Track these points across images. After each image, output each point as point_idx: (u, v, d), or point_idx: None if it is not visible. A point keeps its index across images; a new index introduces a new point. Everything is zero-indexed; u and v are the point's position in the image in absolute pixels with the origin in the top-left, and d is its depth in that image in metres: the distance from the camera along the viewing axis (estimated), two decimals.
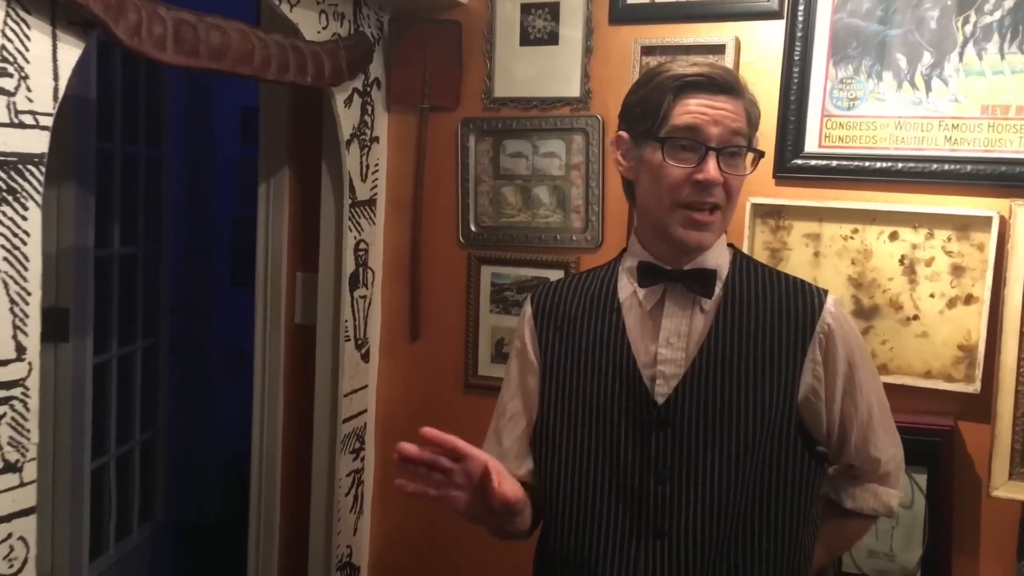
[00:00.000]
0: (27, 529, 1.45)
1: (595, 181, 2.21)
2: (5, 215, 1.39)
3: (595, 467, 1.36)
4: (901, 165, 1.96)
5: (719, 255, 1.38)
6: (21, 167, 1.41)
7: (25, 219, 1.42)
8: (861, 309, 2.00)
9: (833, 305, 1.36)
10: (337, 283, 2.32)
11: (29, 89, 1.41)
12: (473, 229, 2.35)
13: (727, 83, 1.31)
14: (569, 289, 1.46)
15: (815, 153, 2.02)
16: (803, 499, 1.36)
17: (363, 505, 2.45)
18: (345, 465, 2.34)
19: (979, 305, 1.90)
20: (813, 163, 2.02)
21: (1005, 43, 1.88)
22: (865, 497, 1.44)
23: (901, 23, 1.95)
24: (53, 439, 2.54)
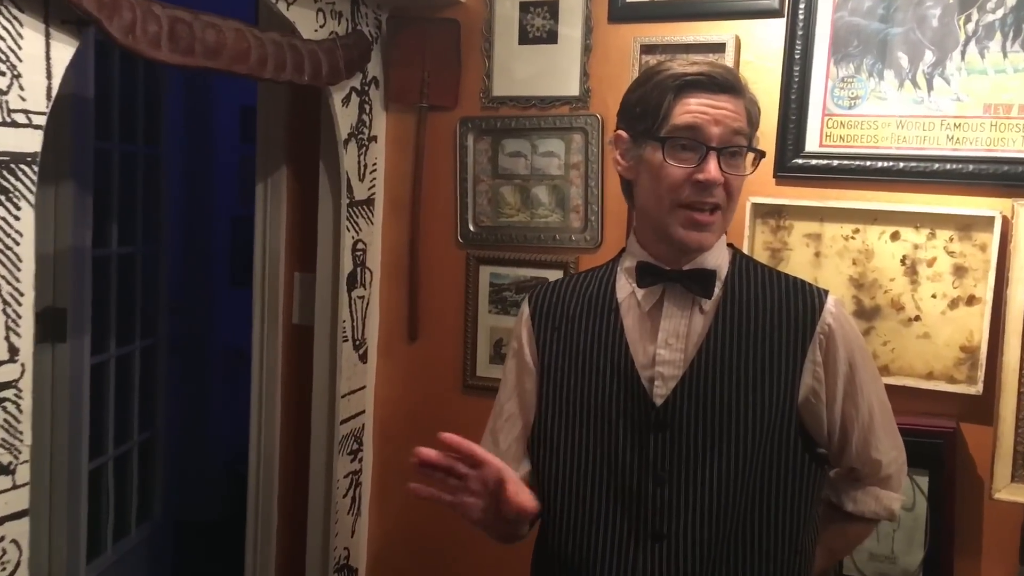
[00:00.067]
0: (20, 532, 1.44)
1: (594, 181, 2.19)
2: None
3: (593, 469, 1.35)
4: (903, 164, 1.94)
5: (718, 255, 1.37)
6: (14, 166, 1.40)
7: (18, 219, 1.41)
8: (862, 310, 1.98)
9: (834, 305, 1.35)
10: (335, 283, 2.31)
11: (22, 88, 1.40)
12: (472, 229, 2.34)
13: (728, 82, 1.31)
14: (567, 289, 1.45)
15: (816, 152, 2.01)
16: (803, 502, 1.34)
17: (361, 507, 2.44)
18: (343, 466, 2.33)
19: (981, 306, 1.89)
20: (814, 162, 2.01)
21: (1007, 41, 1.87)
22: (866, 500, 1.42)
23: (903, 21, 1.94)
24: (50, 439, 2.53)
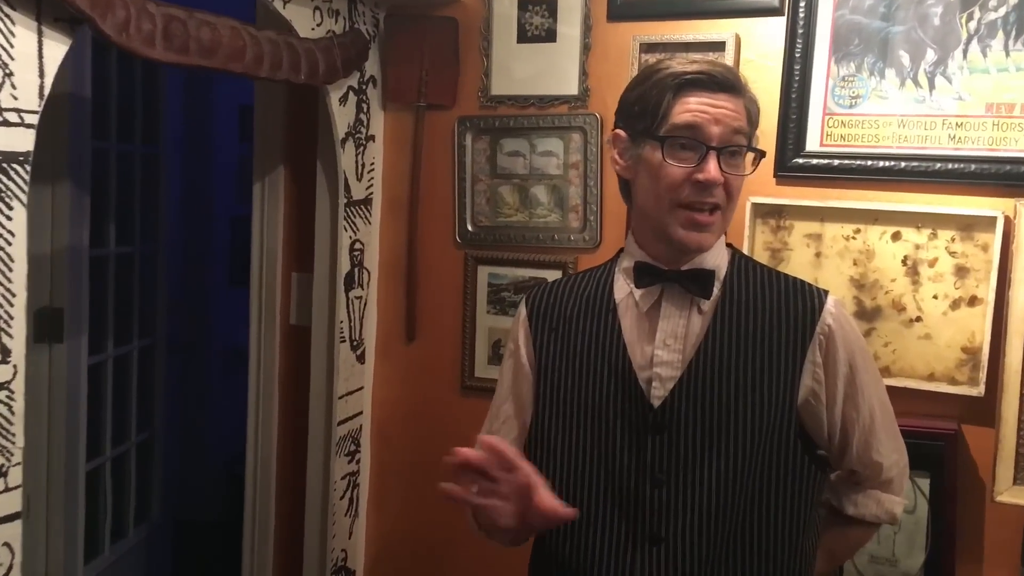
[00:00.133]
0: (12, 535, 1.43)
1: (593, 180, 2.18)
2: None
3: (590, 471, 1.34)
4: (904, 164, 1.93)
5: (717, 255, 1.36)
6: (6, 166, 1.39)
7: (10, 219, 1.40)
8: (863, 310, 1.97)
9: (834, 306, 1.34)
10: (332, 283, 2.30)
11: (14, 87, 1.39)
12: (470, 229, 2.33)
13: (728, 81, 1.30)
14: (565, 290, 1.44)
15: (816, 152, 2.00)
16: (803, 504, 1.33)
17: (358, 508, 2.43)
18: (340, 468, 2.32)
19: (983, 307, 1.87)
20: (814, 162, 2.00)
21: (1010, 40, 1.86)
22: (868, 504, 1.41)
23: (904, 20, 1.93)
24: (47, 440, 2.53)
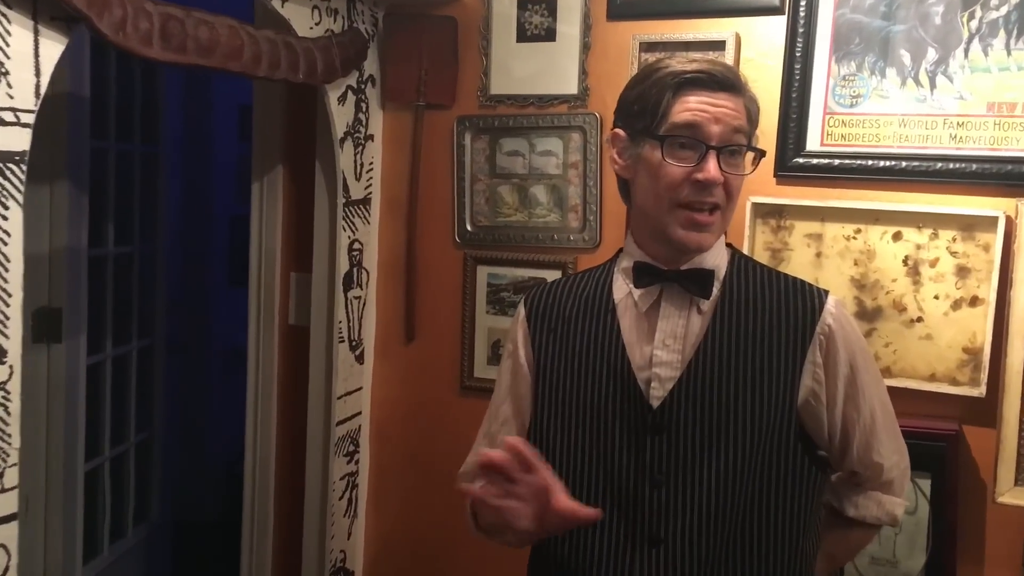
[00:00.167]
0: (8, 536, 1.43)
1: (593, 180, 2.17)
2: None
3: (589, 472, 1.34)
4: (905, 164, 1.92)
5: (717, 255, 1.35)
6: (1, 165, 1.38)
7: (6, 219, 1.39)
8: (864, 311, 1.96)
9: (834, 306, 1.34)
10: (331, 283, 2.29)
11: (10, 86, 1.38)
12: (469, 229, 2.32)
13: (728, 80, 1.29)
14: (564, 290, 1.43)
15: (817, 152, 1.99)
16: (804, 505, 1.33)
17: (357, 509, 2.42)
18: (339, 468, 2.31)
19: (984, 307, 1.87)
20: (815, 162, 1.99)
21: (1011, 39, 1.85)
22: (868, 505, 1.41)
23: (905, 19, 1.92)
24: (46, 440, 2.53)
